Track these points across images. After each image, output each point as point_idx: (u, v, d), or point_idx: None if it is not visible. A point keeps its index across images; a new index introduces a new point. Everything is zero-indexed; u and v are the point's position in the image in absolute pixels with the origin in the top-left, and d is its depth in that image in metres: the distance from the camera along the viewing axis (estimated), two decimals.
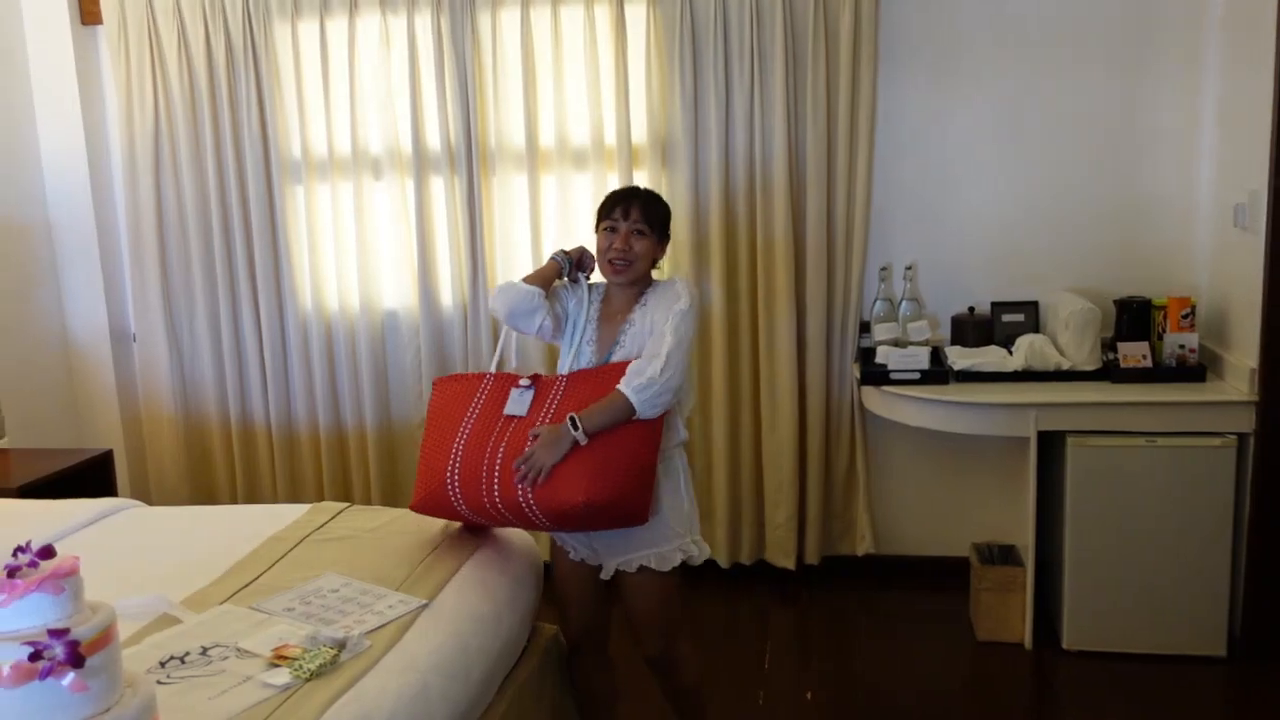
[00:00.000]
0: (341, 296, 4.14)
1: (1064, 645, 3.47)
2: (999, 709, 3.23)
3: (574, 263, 2.61)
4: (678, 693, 2.69)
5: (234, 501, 4.28)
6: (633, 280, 2.52)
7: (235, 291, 4.18)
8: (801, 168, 3.85)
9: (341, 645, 2.02)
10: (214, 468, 4.31)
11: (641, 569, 2.48)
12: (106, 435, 4.31)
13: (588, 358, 2.53)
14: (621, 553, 2.49)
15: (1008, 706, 3.25)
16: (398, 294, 4.13)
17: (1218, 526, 3.31)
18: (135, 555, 2.65)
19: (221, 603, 2.27)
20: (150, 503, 4.19)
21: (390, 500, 4.21)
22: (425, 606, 2.26)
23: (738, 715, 3.18)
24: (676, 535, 2.48)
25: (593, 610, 2.65)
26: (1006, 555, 3.70)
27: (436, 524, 2.72)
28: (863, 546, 4.04)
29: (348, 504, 2.92)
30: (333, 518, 2.81)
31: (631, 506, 2.34)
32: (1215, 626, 3.36)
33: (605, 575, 2.54)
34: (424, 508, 2.54)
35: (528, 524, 2.42)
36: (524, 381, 2.49)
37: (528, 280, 2.54)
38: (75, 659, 1.49)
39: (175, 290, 4.23)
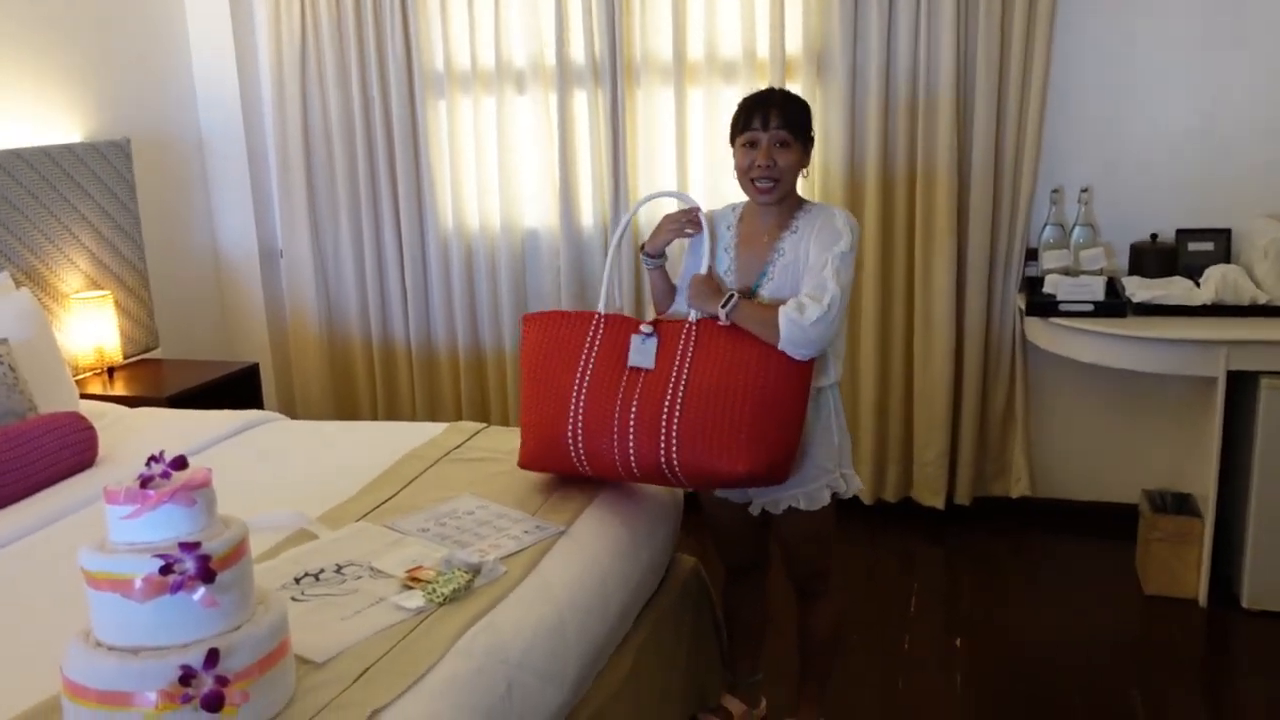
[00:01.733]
0: (482, 215, 4.07)
1: (1244, 604, 3.19)
2: (1170, 669, 2.98)
3: (655, 253, 2.35)
4: (809, 639, 2.55)
5: (374, 416, 4.32)
6: (780, 198, 2.26)
7: (378, 209, 4.16)
8: (970, 80, 3.55)
9: (476, 570, 1.95)
10: (356, 384, 4.35)
11: (789, 509, 2.34)
12: (255, 349, 4.39)
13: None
14: (770, 493, 2.35)
15: (1180, 667, 3.00)
16: (539, 213, 4.04)
17: None
18: (275, 467, 2.66)
19: (357, 520, 2.23)
20: (294, 415, 4.27)
21: None
22: (562, 534, 2.18)
23: (883, 660, 3.03)
24: (825, 472, 2.32)
25: (748, 544, 2.53)
26: (1181, 504, 3.41)
27: None
28: (1018, 488, 3.81)
29: (485, 424, 2.86)
30: (470, 438, 2.75)
31: (785, 469, 2.20)
32: None
33: (753, 512, 2.41)
34: (536, 464, 2.36)
35: (663, 483, 2.27)
36: (645, 328, 2.24)
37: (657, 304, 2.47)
38: (206, 574, 1.45)
39: (320, 207, 4.24)
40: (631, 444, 2.19)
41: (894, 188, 3.67)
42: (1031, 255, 3.66)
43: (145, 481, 1.51)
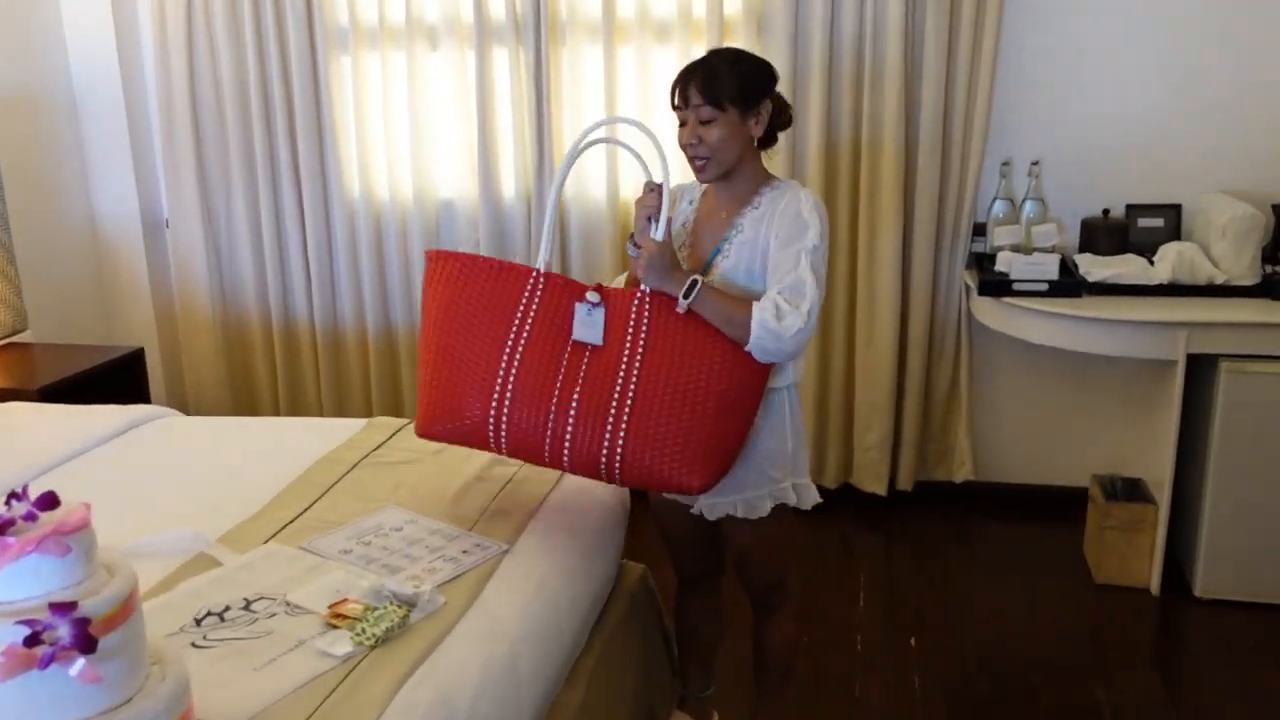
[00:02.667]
0: (392, 184, 3.73)
1: (1196, 593, 3.10)
2: (1129, 660, 2.88)
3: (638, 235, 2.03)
4: (765, 655, 2.35)
5: (275, 407, 3.97)
6: (723, 174, 2.02)
7: (276, 176, 3.79)
8: (918, 45, 3.35)
9: (411, 603, 1.68)
10: (254, 370, 3.98)
11: (727, 516, 2.11)
12: (139, 332, 3.98)
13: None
14: (707, 496, 2.10)
15: (1138, 657, 2.90)
16: (455, 182, 3.72)
17: None
18: (168, 475, 2.32)
19: (266, 540, 1.94)
20: (186, 407, 3.90)
21: None
22: (505, 553, 1.92)
23: (837, 662, 2.85)
24: (770, 480, 2.09)
25: (701, 551, 2.30)
26: (1132, 490, 3.31)
27: None
28: (961, 472, 3.67)
29: (407, 420, 2.57)
30: (390, 436, 2.46)
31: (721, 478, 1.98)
32: None
33: (694, 513, 2.18)
34: (440, 432, 1.99)
35: (593, 477, 1.97)
36: (592, 296, 1.94)
37: None
38: (85, 642, 1.16)
39: (211, 173, 3.84)
40: (570, 433, 1.90)
41: (837, 158, 3.47)
42: (978, 230, 3.50)
43: (4, 526, 1.21)
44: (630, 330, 1.93)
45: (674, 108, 2.01)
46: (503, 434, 1.93)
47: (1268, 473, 2.97)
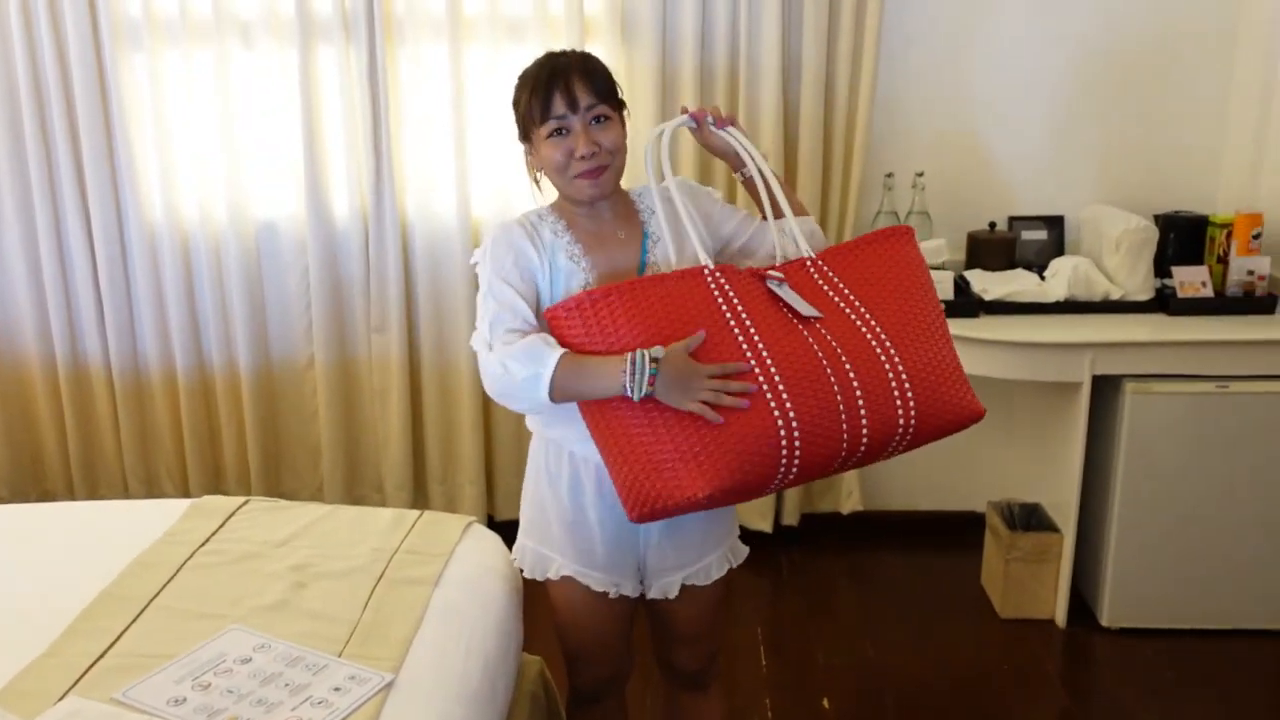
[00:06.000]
0: (202, 204, 3.19)
1: (1103, 623, 2.97)
2: (1045, 695, 2.72)
3: None
4: None
5: (66, 469, 3.36)
6: (616, 184, 1.74)
7: (56, 195, 3.19)
8: (795, 50, 3.10)
9: None
10: (37, 424, 3.35)
11: (684, 588, 1.85)
12: None
13: None
14: (674, 568, 1.84)
15: (1053, 693, 2.73)
16: (278, 201, 3.23)
17: None
18: None
19: (65, 693, 1.46)
20: None
21: (272, 465, 3.37)
22: (390, 685, 1.50)
23: None
24: (727, 535, 1.90)
25: (622, 651, 1.96)
26: (1030, 516, 3.15)
27: (377, 522, 1.96)
28: (849, 503, 3.45)
29: (244, 498, 2.10)
30: (224, 523, 1.99)
31: None
32: None
33: (651, 595, 1.88)
34: (729, 485, 1.52)
35: (879, 455, 1.69)
36: (775, 274, 1.66)
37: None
38: None
39: None
40: (863, 407, 1.60)
41: (712, 170, 3.17)
42: None
43: None
44: (831, 292, 1.71)
45: (547, 119, 1.66)
46: (795, 444, 1.55)
47: (1172, 494, 2.85)
